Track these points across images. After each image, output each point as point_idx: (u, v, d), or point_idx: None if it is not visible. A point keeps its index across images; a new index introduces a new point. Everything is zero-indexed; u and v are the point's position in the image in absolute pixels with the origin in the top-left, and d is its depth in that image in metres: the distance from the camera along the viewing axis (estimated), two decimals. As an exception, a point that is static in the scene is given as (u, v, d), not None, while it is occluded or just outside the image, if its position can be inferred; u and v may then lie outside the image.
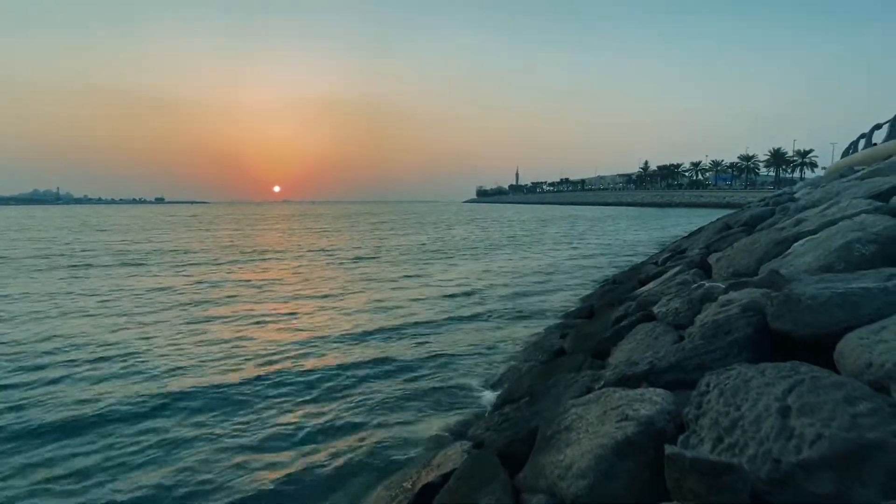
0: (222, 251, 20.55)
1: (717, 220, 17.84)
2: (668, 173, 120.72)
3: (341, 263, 16.29)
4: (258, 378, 5.72)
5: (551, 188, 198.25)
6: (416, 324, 8.33)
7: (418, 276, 13.59)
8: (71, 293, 11.02)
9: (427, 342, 7.24)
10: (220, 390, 5.35)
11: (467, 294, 10.96)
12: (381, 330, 7.90)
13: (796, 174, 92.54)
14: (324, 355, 6.58)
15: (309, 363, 6.25)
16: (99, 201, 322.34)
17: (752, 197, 70.63)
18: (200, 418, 4.73)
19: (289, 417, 4.76)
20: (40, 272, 14.33)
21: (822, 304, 2.44)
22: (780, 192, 16.86)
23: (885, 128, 13.62)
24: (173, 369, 5.99)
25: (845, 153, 21.13)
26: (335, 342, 7.20)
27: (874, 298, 2.39)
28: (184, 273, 14.06)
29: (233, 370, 5.98)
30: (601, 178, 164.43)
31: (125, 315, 8.87)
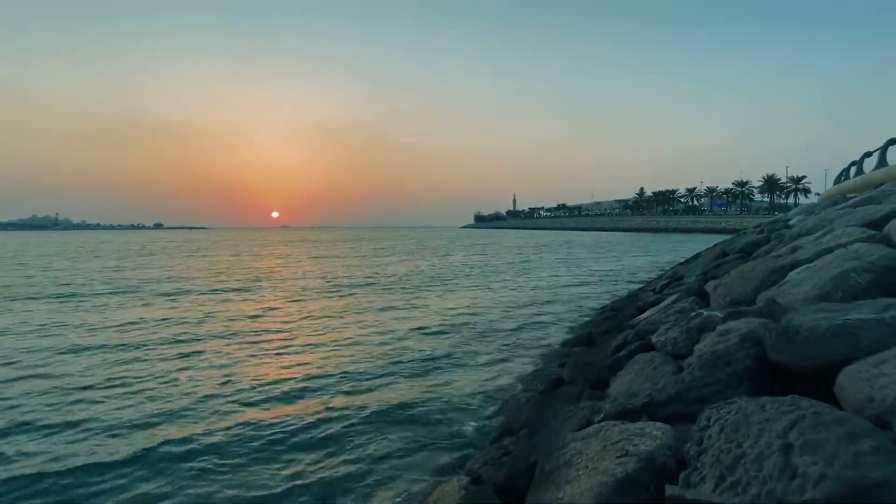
0: (215, 279, 20.45)
1: (714, 245, 17.94)
2: (664, 199, 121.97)
3: (337, 291, 16.15)
4: (247, 423, 5.59)
5: (548, 214, 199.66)
6: (413, 352, 8.25)
7: (416, 303, 13.49)
8: (48, 325, 10.65)
9: (424, 371, 7.15)
10: (204, 438, 4.95)
11: (465, 321, 10.90)
12: (375, 358, 7.81)
13: (790, 200, 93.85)
14: (316, 388, 6.45)
15: (300, 395, 6.11)
16: (97, 227, 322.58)
17: (747, 222, 71.21)
18: (183, 470, 4.30)
19: (278, 453, 4.64)
20: (23, 302, 14.04)
21: (821, 336, 2.43)
22: (774, 218, 17.00)
23: (875, 156, 13.86)
24: (152, 418, 5.43)
25: (837, 180, 21.41)
26: (327, 374, 7.05)
27: (872, 330, 2.38)
28: (172, 303, 13.74)
29: (219, 413, 5.58)
30: (598, 203, 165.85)
31: (105, 349, 8.46)
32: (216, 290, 16.41)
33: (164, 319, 11.26)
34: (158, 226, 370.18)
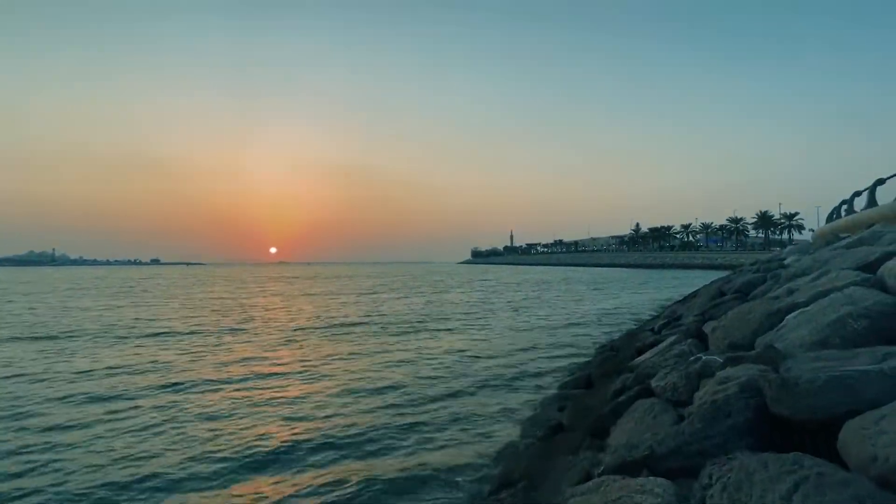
0: (206, 318, 20.23)
1: (711, 283, 17.96)
2: (660, 235, 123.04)
3: (330, 332, 15.79)
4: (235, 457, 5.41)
5: (545, 249, 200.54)
6: (407, 395, 8.08)
7: (411, 343, 13.31)
8: (24, 371, 10.17)
9: (419, 416, 6.99)
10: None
11: (463, 361, 10.75)
12: (367, 402, 7.62)
13: (784, 236, 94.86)
14: (302, 435, 6.24)
15: (284, 458, 5.70)
16: (94, 262, 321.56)
17: (743, 258, 71.60)
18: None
19: None
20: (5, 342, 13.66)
21: (820, 389, 2.40)
22: (769, 256, 17.12)
23: (865, 195, 14.10)
24: (125, 482, 4.96)
25: (829, 218, 21.68)
26: (315, 420, 6.81)
27: (872, 382, 2.36)
28: (159, 346, 13.22)
29: (200, 479, 5.07)
30: (594, 239, 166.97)
31: (80, 399, 7.97)
32: (206, 331, 16.09)
33: (150, 363, 10.83)
34: (156, 261, 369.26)
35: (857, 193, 16.48)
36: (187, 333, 15.30)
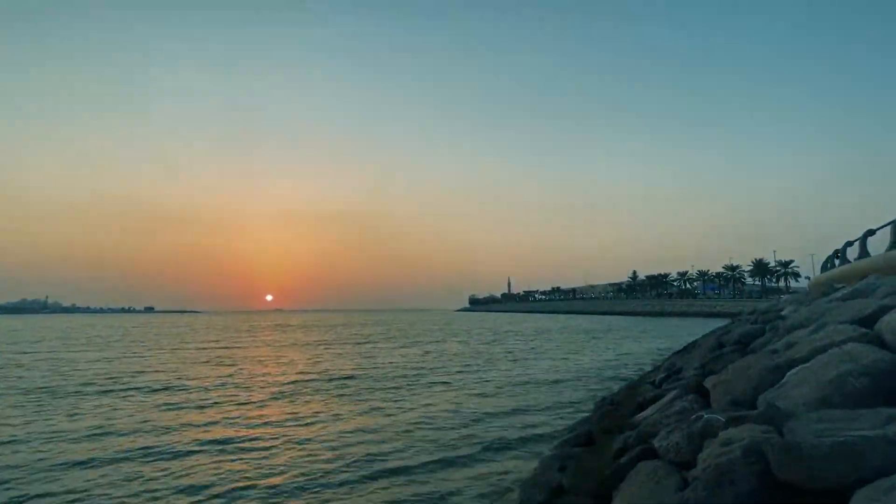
0: (195, 370, 19.79)
1: (710, 332, 17.81)
2: (657, 283, 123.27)
3: (322, 387, 15.17)
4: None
5: (543, 297, 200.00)
6: (402, 453, 7.79)
7: (407, 399, 12.84)
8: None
9: (415, 477, 6.71)
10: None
11: (461, 420, 10.41)
12: (356, 470, 7.30)
13: (781, 283, 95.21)
14: None
15: None
16: (87, 310, 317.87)
17: (741, 306, 71.52)
18: None
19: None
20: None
21: (825, 456, 2.34)
22: (767, 305, 17.11)
23: (856, 245, 14.32)
24: None
25: (824, 267, 21.89)
26: (299, 489, 6.49)
27: (876, 449, 2.30)
28: (140, 402, 12.62)
29: None
30: (591, 287, 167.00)
31: (54, 462, 7.56)
32: (191, 385, 15.49)
33: (130, 420, 10.41)
34: (150, 309, 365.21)
35: (849, 243, 16.76)
36: (171, 388, 14.78)
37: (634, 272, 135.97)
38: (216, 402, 12.57)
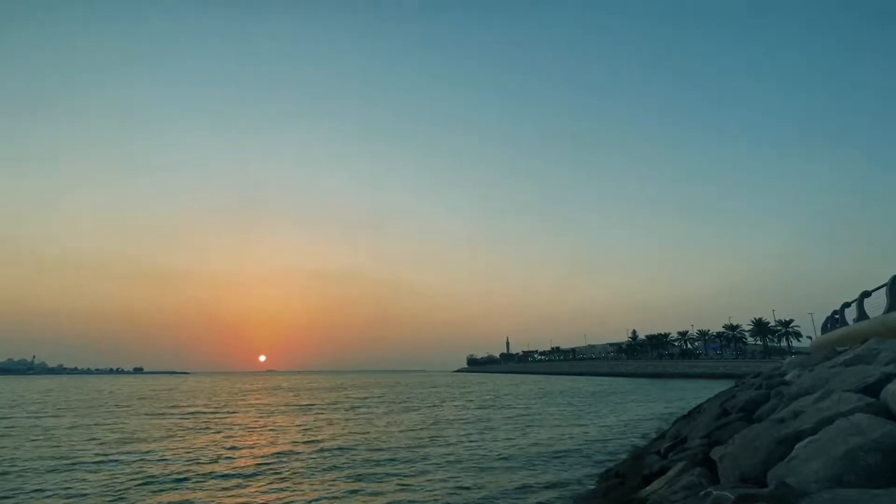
0: (178, 439, 18.90)
1: (715, 397, 17.35)
2: (658, 343, 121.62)
3: (314, 457, 14.37)
4: None
5: (543, 357, 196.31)
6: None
7: (403, 477, 12.07)
8: None
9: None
10: None
11: (460, 498, 9.84)
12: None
13: (783, 343, 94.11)
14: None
15: None
16: (75, 371, 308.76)
17: (744, 367, 70.15)
18: None
19: None
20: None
21: (841, 545, 2.21)
22: (770, 368, 16.84)
23: (854, 307, 14.32)
24: None
25: (824, 328, 21.76)
26: None
27: (895, 538, 2.18)
28: (118, 476, 11.87)
29: None
30: (591, 347, 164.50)
31: None
32: (171, 457, 14.68)
33: (99, 498, 9.81)
34: (139, 370, 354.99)
35: (847, 304, 16.79)
36: (149, 460, 14.01)
37: (634, 332, 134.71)
38: (197, 477, 11.81)
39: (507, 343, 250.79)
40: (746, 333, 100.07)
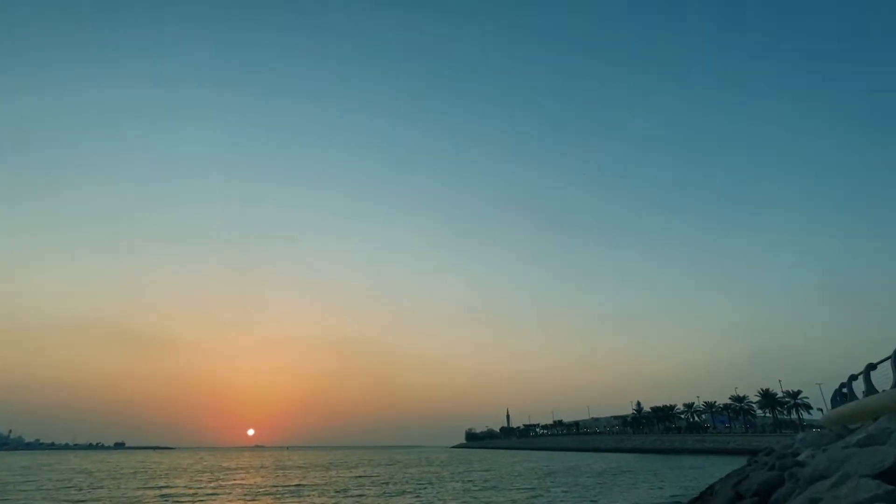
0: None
1: (726, 476, 16.45)
2: (664, 415, 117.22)
3: None
4: None
5: (545, 431, 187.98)
6: None
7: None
8: None
9: None
10: None
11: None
12: None
13: (792, 415, 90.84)
14: None
15: None
16: (52, 446, 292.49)
17: (755, 442, 67.08)
18: None
19: None
20: None
21: None
22: (782, 447, 16.17)
23: (861, 380, 14.01)
24: None
25: (833, 401, 21.20)
26: None
27: None
28: None
29: None
30: (595, 420, 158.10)
31: None
32: None
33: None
34: (120, 445, 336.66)
35: (854, 377, 16.44)
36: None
37: (639, 403, 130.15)
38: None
39: (508, 416, 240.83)
40: (754, 405, 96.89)
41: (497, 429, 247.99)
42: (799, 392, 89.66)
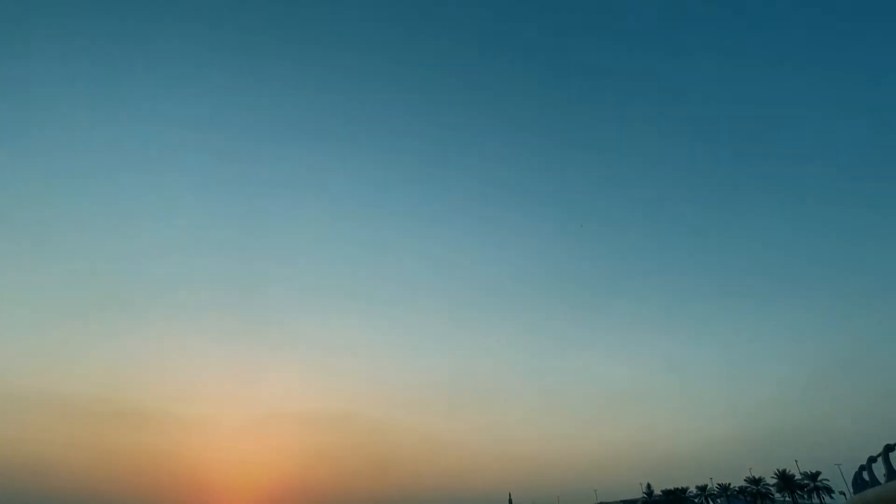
0: None
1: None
2: (676, 499, 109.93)
3: None
4: None
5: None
6: None
7: None
8: None
9: None
10: None
11: None
12: None
13: (813, 500, 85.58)
14: None
15: None
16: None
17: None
18: None
19: None
20: None
21: None
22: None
23: (881, 462, 13.58)
24: None
25: (855, 484, 20.30)
26: None
27: None
28: None
29: None
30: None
31: None
32: None
33: None
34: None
35: (873, 459, 15.94)
36: None
37: (649, 486, 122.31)
38: None
39: (510, 499, 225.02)
40: (772, 488, 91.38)
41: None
42: (818, 474, 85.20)
